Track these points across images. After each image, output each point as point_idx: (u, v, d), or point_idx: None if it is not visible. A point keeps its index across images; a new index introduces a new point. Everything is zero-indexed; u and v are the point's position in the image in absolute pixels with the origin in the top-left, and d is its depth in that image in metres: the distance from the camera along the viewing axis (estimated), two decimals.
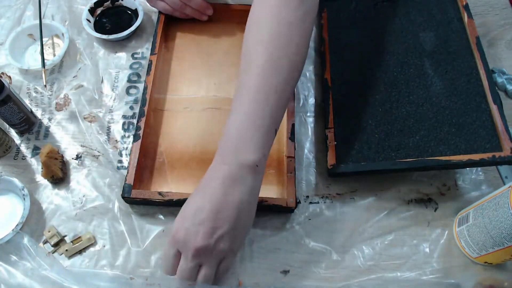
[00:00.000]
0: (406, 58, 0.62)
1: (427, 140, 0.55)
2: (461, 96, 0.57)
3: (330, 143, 0.59)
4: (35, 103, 0.67)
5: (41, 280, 0.50)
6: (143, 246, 0.55)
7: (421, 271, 0.53)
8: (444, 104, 0.57)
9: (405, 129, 0.57)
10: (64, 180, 0.60)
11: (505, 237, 0.47)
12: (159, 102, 0.65)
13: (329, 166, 0.58)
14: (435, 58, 0.61)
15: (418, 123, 0.57)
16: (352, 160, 0.57)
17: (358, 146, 0.58)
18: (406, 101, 0.59)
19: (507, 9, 0.74)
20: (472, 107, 0.56)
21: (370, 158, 0.56)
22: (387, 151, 0.56)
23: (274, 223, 0.56)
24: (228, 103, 0.65)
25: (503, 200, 0.47)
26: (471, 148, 0.53)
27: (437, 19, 0.64)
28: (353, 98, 0.61)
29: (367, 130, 0.58)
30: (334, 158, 0.58)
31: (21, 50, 0.71)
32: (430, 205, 0.58)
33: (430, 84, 0.59)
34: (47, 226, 0.56)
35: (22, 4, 0.77)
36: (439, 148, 0.54)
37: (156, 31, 0.69)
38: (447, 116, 0.56)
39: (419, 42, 0.63)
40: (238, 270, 0.54)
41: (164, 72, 0.68)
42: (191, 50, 0.71)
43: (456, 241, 0.55)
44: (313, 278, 0.53)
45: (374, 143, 0.57)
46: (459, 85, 0.58)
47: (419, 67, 0.61)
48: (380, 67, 0.62)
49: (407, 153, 0.55)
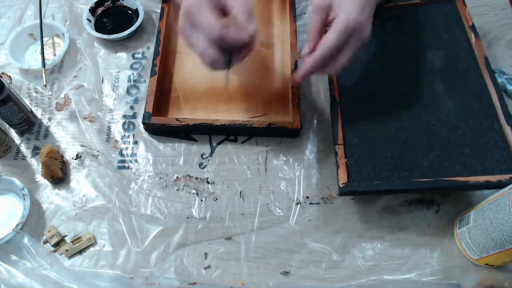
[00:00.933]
0: (415, 75, 0.61)
1: (441, 160, 0.54)
2: (473, 116, 0.56)
3: (340, 160, 0.57)
4: (35, 103, 0.67)
5: (41, 279, 0.51)
6: (142, 246, 0.55)
7: (421, 271, 0.53)
8: (456, 124, 0.56)
9: (418, 148, 0.55)
10: (64, 180, 0.60)
11: (506, 239, 0.47)
12: (171, 45, 0.71)
13: (341, 184, 0.54)
14: (444, 77, 0.60)
15: (431, 142, 0.55)
16: (364, 178, 0.55)
17: (370, 164, 0.56)
18: (417, 119, 0.57)
19: (507, 9, 0.74)
20: (485, 127, 0.55)
21: (384, 177, 0.54)
22: (400, 170, 0.54)
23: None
24: None
25: (504, 202, 0.47)
26: (486, 169, 0.52)
27: (444, 39, 0.64)
28: (362, 115, 0.60)
29: (379, 148, 0.56)
30: (345, 176, 0.55)
31: (22, 50, 0.71)
32: (432, 207, 0.57)
33: (441, 102, 0.58)
34: (47, 226, 0.56)
35: (23, 3, 0.77)
36: (454, 168, 0.53)
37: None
38: (459, 136, 0.55)
39: (428, 60, 0.62)
40: (238, 270, 0.54)
41: (173, 18, 0.72)
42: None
43: (457, 243, 0.55)
44: (313, 279, 0.53)
45: (387, 162, 0.55)
46: (470, 104, 0.57)
47: (429, 85, 0.60)
48: (389, 84, 0.61)
49: (421, 173, 0.53)
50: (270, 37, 0.72)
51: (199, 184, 0.60)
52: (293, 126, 0.60)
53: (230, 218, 0.57)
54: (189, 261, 0.54)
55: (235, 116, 0.63)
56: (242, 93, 0.66)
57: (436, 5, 0.67)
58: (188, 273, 0.53)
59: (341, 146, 0.58)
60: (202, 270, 0.54)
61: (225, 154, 0.62)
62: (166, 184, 0.60)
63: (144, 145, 0.63)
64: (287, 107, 0.64)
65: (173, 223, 0.57)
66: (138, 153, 0.62)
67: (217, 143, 0.63)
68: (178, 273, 0.53)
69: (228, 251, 0.55)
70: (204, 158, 0.62)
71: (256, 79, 0.67)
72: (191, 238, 0.56)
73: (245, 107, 0.64)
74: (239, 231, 0.56)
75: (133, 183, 0.60)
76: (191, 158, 0.62)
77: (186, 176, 0.60)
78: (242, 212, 0.57)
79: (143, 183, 0.60)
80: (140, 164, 0.61)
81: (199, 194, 0.59)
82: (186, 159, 0.62)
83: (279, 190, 0.59)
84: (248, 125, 0.60)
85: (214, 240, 0.56)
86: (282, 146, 0.62)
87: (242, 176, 0.60)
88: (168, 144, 0.63)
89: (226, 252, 0.55)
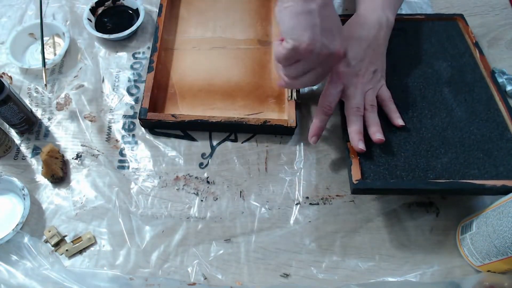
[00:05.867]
0: (424, 83, 0.62)
1: (456, 162, 0.54)
2: (484, 124, 0.57)
3: (352, 156, 0.55)
4: (35, 103, 0.67)
5: (42, 279, 0.50)
6: (142, 246, 0.55)
7: (421, 272, 0.53)
8: (468, 130, 0.57)
9: (431, 150, 0.55)
10: (64, 180, 0.60)
11: (509, 247, 0.46)
12: (169, 42, 0.71)
13: (354, 181, 0.53)
14: (452, 87, 0.61)
15: (445, 146, 0.55)
16: (378, 176, 0.54)
17: (385, 162, 0.55)
18: (430, 124, 0.58)
19: (507, 9, 0.74)
20: (496, 135, 0.56)
21: (399, 176, 0.54)
22: (415, 171, 0.54)
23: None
24: (233, 43, 0.72)
25: (508, 209, 0.47)
26: (502, 174, 0.53)
27: (449, 52, 0.65)
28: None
29: (392, 148, 0.56)
30: (359, 173, 0.54)
31: (22, 49, 0.71)
32: (431, 209, 0.57)
33: (451, 109, 0.59)
34: (47, 226, 0.56)
35: (24, 3, 0.77)
36: (471, 172, 0.53)
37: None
38: (473, 142, 0.56)
39: (435, 70, 0.63)
40: (238, 271, 0.54)
41: (172, 16, 0.74)
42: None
43: (459, 249, 0.55)
44: (312, 279, 0.53)
45: (401, 161, 0.55)
46: (479, 113, 0.58)
47: (439, 92, 0.61)
48: (400, 89, 0.61)
49: (437, 174, 0.53)
50: (267, 34, 0.72)
51: (199, 184, 0.60)
52: (289, 124, 0.61)
53: (230, 218, 0.57)
54: (189, 261, 0.54)
55: (231, 113, 0.64)
56: (239, 91, 0.66)
57: (439, 22, 0.68)
58: (188, 274, 0.53)
59: None
60: (202, 270, 0.54)
61: (225, 154, 0.62)
62: (166, 184, 0.60)
63: (144, 145, 0.63)
64: (283, 105, 0.65)
65: (173, 223, 0.57)
66: (138, 153, 0.62)
67: (217, 143, 0.63)
68: (178, 273, 0.53)
69: (228, 251, 0.55)
70: (205, 158, 0.62)
71: (253, 76, 0.68)
72: (191, 238, 0.56)
73: (242, 105, 0.65)
74: (239, 231, 0.56)
75: (133, 183, 0.60)
76: (191, 158, 0.62)
77: (186, 175, 0.60)
78: (242, 212, 0.58)
79: (143, 183, 0.60)
80: (140, 164, 0.61)
81: (199, 194, 0.59)
82: (186, 159, 0.62)
83: (279, 190, 0.59)
84: (244, 122, 0.61)
85: (214, 240, 0.56)
86: (282, 146, 0.63)
87: (242, 176, 0.60)
88: (168, 144, 0.63)
89: (226, 252, 0.55)
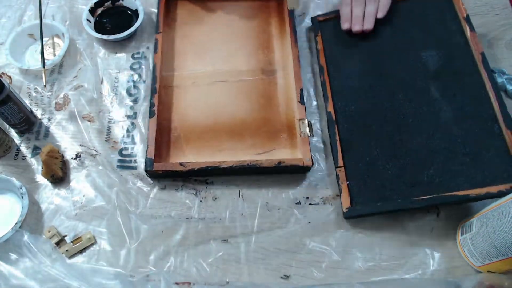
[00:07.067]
0: (410, 81, 0.60)
1: (441, 173, 0.54)
2: (472, 121, 0.55)
3: (342, 183, 0.57)
4: (35, 103, 0.67)
5: (42, 277, 0.50)
6: (142, 246, 0.55)
7: (421, 271, 0.53)
8: (456, 132, 0.55)
9: (417, 162, 0.55)
10: (64, 180, 0.60)
11: (509, 247, 0.46)
12: (168, 79, 0.66)
13: (344, 209, 0.55)
14: (440, 80, 0.59)
15: (431, 155, 0.55)
16: (366, 200, 0.55)
17: (372, 184, 0.56)
18: (416, 131, 0.57)
19: (507, 9, 0.74)
20: (484, 132, 0.54)
21: (386, 197, 0.54)
22: (401, 188, 0.54)
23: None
24: (235, 75, 0.67)
25: (507, 210, 0.46)
26: (488, 178, 0.52)
27: (437, 35, 0.63)
28: (360, 131, 0.59)
29: (379, 166, 0.56)
30: (348, 201, 0.55)
31: (22, 50, 0.71)
32: (431, 210, 0.57)
33: (439, 110, 0.57)
34: (47, 226, 0.56)
35: (23, 4, 0.77)
36: (455, 181, 0.53)
37: (158, 10, 0.70)
38: (459, 145, 0.55)
39: (422, 63, 0.61)
40: (238, 271, 0.54)
41: (168, 50, 0.69)
42: (193, 27, 0.72)
43: (459, 249, 0.54)
44: (312, 279, 0.53)
45: (388, 180, 0.55)
46: (468, 110, 0.56)
47: (425, 91, 0.59)
48: (385, 94, 0.61)
49: (423, 189, 0.53)
50: (271, 63, 0.68)
51: (199, 184, 0.60)
52: (305, 164, 0.57)
53: (230, 218, 0.57)
54: (189, 262, 0.54)
55: (241, 154, 0.60)
56: (246, 128, 0.62)
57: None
58: (188, 274, 0.53)
59: (341, 168, 0.58)
60: (202, 270, 0.54)
61: None
62: (165, 185, 0.60)
63: (143, 145, 0.63)
64: (295, 140, 0.61)
65: (173, 223, 0.57)
66: (137, 153, 0.62)
67: None
68: (177, 274, 0.53)
69: (228, 251, 0.55)
70: None
71: (259, 111, 0.63)
72: (190, 239, 0.56)
73: (251, 144, 0.61)
74: (239, 232, 0.56)
75: (132, 183, 0.60)
76: None
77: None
78: (242, 213, 0.57)
79: (143, 183, 0.60)
80: (140, 164, 0.61)
81: (198, 194, 0.59)
82: None
83: (279, 190, 0.59)
84: (256, 165, 0.57)
85: (214, 241, 0.56)
86: None
87: (242, 176, 0.60)
88: None
89: (226, 252, 0.55)
